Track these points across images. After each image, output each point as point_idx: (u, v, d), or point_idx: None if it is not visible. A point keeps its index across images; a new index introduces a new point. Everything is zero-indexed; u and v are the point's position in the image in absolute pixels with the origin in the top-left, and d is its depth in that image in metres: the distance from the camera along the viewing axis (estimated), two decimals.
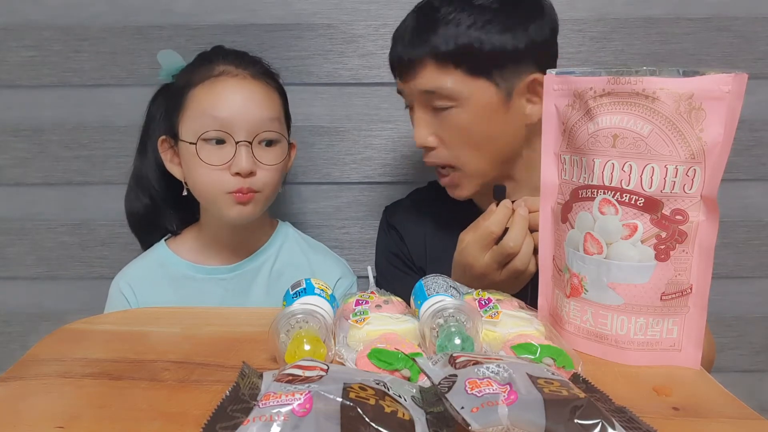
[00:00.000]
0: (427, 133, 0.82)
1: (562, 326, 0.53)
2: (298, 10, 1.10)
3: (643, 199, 0.44)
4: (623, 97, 0.44)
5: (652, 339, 0.48)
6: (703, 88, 0.43)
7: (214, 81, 0.86)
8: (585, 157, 0.47)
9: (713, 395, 0.50)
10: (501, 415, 0.37)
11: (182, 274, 0.95)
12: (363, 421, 0.37)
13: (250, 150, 0.85)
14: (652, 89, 0.43)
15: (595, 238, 0.47)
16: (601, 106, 0.45)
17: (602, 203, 0.46)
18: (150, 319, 0.67)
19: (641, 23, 1.10)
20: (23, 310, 1.21)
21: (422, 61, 0.78)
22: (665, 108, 0.43)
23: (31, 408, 0.48)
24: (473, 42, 0.75)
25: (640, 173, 0.44)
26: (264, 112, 0.87)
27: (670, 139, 0.43)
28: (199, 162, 0.84)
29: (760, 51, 1.10)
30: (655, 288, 0.47)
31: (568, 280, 0.50)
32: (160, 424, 0.45)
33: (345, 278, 1.02)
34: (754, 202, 1.15)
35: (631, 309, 0.47)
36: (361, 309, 0.58)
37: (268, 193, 0.89)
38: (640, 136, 0.44)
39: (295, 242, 1.02)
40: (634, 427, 0.40)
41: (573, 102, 0.48)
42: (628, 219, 0.45)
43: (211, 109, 0.84)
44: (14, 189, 1.16)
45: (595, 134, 0.45)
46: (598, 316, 0.48)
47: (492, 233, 0.71)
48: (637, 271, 0.46)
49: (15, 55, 1.11)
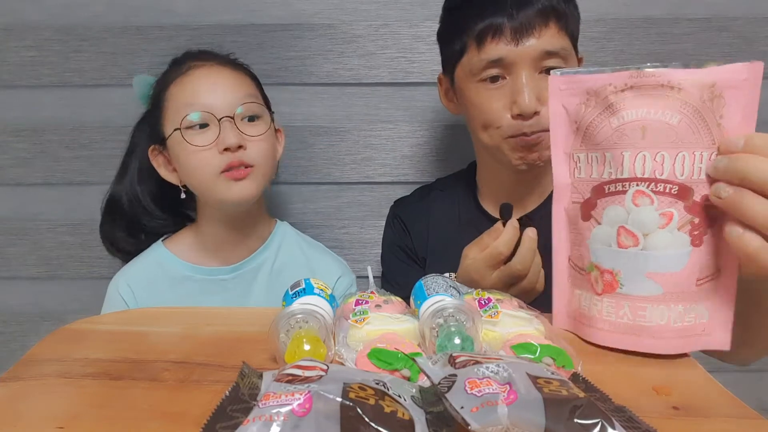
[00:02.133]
0: (536, 98, 0.78)
1: (593, 325, 0.52)
2: (298, 10, 1.10)
3: (676, 187, 0.45)
4: (648, 90, 0.45)
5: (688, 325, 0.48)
6: (723, 78, 0.45)
7: (185, 75, 0.89)
8: (610, 151, 0.47)
9: (713, 395, 0.50)
10: (501, 415, 0.37)
11: (181, 274, 0.95)
12: (363, 421, 0.37)
13: (233, 124, 0.86)
14: (677, 80, 0.44)
15: (630, 231, 0.47)
16: (624, 101, 0.46)
17: (636, 195, 0.46)
18: (150, 319, 0.67)
19: (641, 23, 1.10)
20: (23, 310, 1.21)
21: (547, 19, 0.79)
22: (691, 97, 0.44)
23: (31, 408, 0.48)
24: (572, 10, 0.83)
25: (672, 162, 0.45)
26: (239, 90, 0.89)
27: (697, 128, 0.45)
28: (186, 148, 0.85)
29: (760, 51, 1.10)
30: (691, 274, 0.47)
31: (597, 278, 0.50)
32: (160, 424, 0.45)
33: (344, 277, 1.02)
34: None
35: (670, 298, 0.47)
36: (360, 309, 0.58)
37: (263, 168, 0.89)
38: (669, 125, 0.45)
39: (294, 241, 1.03)
40: (634, 427, 0.40)
41: (587, 100, 0.48)
42: (664, 208, 0.46)
43: (188, 98, 0.87)
44: (14, 189, 1.17)
45: (621, 128, 0.46)
46: (636, 309, 0.48)
47: (501, 254, 0.71)
48: (675, 258, 0.47)
49: (15, 55, 1.11)
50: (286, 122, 1.13)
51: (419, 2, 1.09)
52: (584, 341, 0.58)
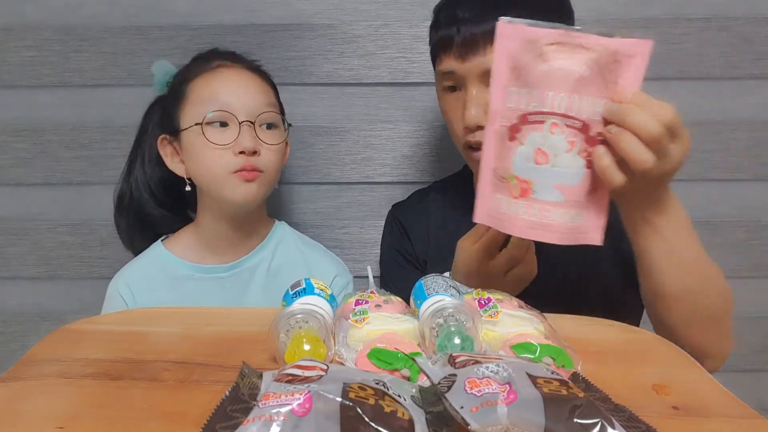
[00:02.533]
0: (483, 112, 0.80)
1: (507, 221, 0.64)
2: (298, 10, 1.10)
3: (581, 123, 0.58)
4: (570, 47, 0.58)
5: (578, 225, 0.61)
6: (624, 48, 0.57)
7: (213, 72, 0.91)
8: (537, 90, 0.59)
9: (713, 394, 0.50)
10: (500, 415, 0.37)
11: (180, 274, 0.95)
12: (362, 421, 0.37)
13: (253, 129, 0.88)
14: (592, 44, 0.57)
15: (544, 152, 0.60)
16: (553, 52, 0.58)
17: (552, 125, 0.59)
18: (150, 319, 0.67)
19: (641, 23, 1.10)
20: (23, 310, 1.21)
21: (493, 37, 0.78)
22: (600, 57, 0.57)
23: (31, 408, 0.48)
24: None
25: (579, 103, 0.58)
26: (262, 97, 0.91)
27: (600, 81, 0.58)
28: (204, 144, 0.87)
29: (759, 51, 1.10)
30: (582, 188, 0.61)
31: (516, 186, 0.62)
32: (160, 424, 0.45)
33: (341, 276, 1.02)
34: (754, 202, 1.15)
35: (568, 204, 0.60)
36: (360, 309, 0.58)
37: (270, 174, 0.92)
38: (582, 76, 0.57)
39: (291, 240, 1.03)
40: (634, 426, 0.40)
41: (525, 46, 0.59)
42: (570, 137, 0.59)
43: (213, 95, 0.88)
44: (14, 189, 1.17)
45: (548, 72, 0.58)
46: (544, 210, 0.61)
47: (497, 240, 0.74)
48: (574, 176, 0.60)
49: (15, 55, 1.11)
50: None
51: (419, 2, 1.09)
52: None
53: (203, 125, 0.87)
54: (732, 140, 1.13)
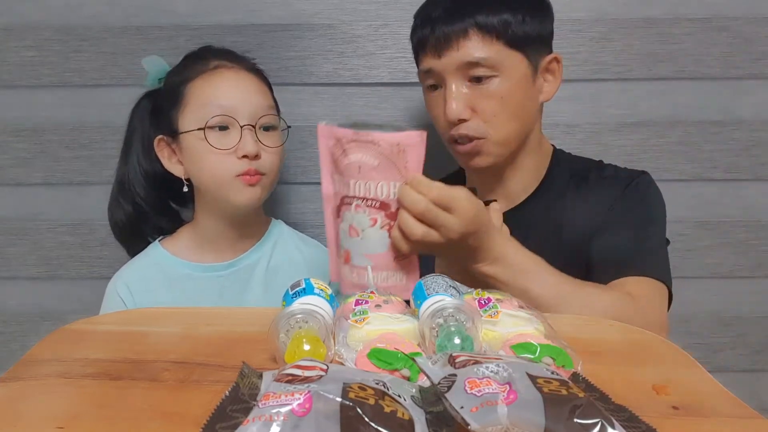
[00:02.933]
0: (463, 105, 0.84)
1: (343, 281, 0.75)
2: (298, 10, 1.10)
3: (379, 203, 0.69)
4: (362, 143, 0.69)
5: (391, 285, 0.71)
6: (404, 140, 0.68)
7: (212, 73, 0.90)
8: (344, 178, 0.71)
9: (713, 394, 0.50)
10: (500, 415, 0.37)
11: (179, 273, 0.95)
12: (362, 421, 0.37)
13: (254, 133, 0.88)
14: (378, 140, 0.68)
15: (354, 227, 0.71)
16: (351, 148, 0.69)
17: (356, 207, 0.70)
18: (150, 319, 0.67)
19: (641, 23, 1.10)
20: (23, 310, 1.21)
21: (466, 32, 0.82)
22: (385, 150, 0.68)
23: (31, 408, 0.48)
24: (512, 21, 0.82)
25: (376, 188, 0.69)
26: (262, 99, 0.92)
27: (390, 168, 0.68)
28: (206, 149, 0.87)
29: (759, 51, 1.10)
30: (388, 255, 0.71)
31: (343, 254, 0.74)
32: (160, 424, 0.45)
33: None
34: (754, 202, 1.15)
35: (377, 268, 0.71)
36: (360, 309, 0.58)
37: (271, 177, 0.92)
38: (373, 166, 0.68)
39: (289, 238, 1.03)
40: (634, 426, 0.40)
41: (335, 144, 0.71)
42: (372, 215, 0.70)
43: (213, 98, 0.88)
44: (14, 189, 1.17)
45: (349, 165, 0.70)
46: (359, 273, 0.72)
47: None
48: (380, 246, 0.71)
49: (15, 55, 1.11)
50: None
51: (419, 2, 1.09)
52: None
53: (205, 130, 0.87)
54: (732, 140, 1.13)
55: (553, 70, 0.88)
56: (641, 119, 1.13)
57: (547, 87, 0.89)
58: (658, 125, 1.13)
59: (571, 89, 1.12)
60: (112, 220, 1.00)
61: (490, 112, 0.84)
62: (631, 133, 1.13)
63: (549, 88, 0.89)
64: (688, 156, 1.14)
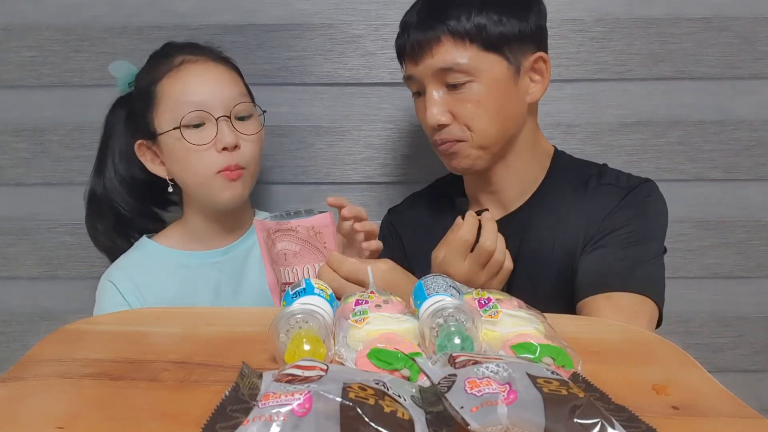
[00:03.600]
0: (440, 111, 0.85)
1: None
2: (298, 10, 1.10)
3: None
4: (284, 231, 0.76)
5: None
6: (318, 223, 0.75)
7: (178, 70, 0.89)
8: (278, 266, 0.79)
9: (713, 394, 0.50)
10: (500, 415, 0.37)
11: (176, 263, 0.95)
12: (362, 421, 0.37)
13: (230, 123, 0.88)
14: (296, 226, 0.75)
15: None
16: (277, 237, 0.76)
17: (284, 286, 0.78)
18: (150, 319, 0.67)
19: (641, 23, 1.10)
20: (23, 310, 1.21)
21: (438, 39, 0.82)
22: (304, 235, 0.76)
23: (31, 408, 0.48)
24: (486, 23, 0.81)
25: (302, 272, 0.77)
26: (233, 88, 0.90)
27: (313, 250, 0.76)
28: (185, 147, 0.86)
29: (760, 51, 1.10)
30: None
31: None
32: (160, 424, 0.45)
33: None
34: (754, 202, 1.15)
35: None
36: (360, 309, 0.58)
37: (252, 169, 0.92)
38: (295, 251, 0.76)
39: None
40: (634, 426, 0.40)
41: (267, 236, 0.78)
42: None
43: (184, 95, 0.87)
44: (15, 189, 1.17)
45: (278, 252, 0.77)
46: None
47: (467, 241, 0.76)
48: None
49: (15, 55, 1.11)
50: (286, 122, 1.13)
51: None
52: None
53: (181, 128, 0.86)
54: (732, 140, 1.13)
55: (540, 70, 0.86)
56: (641, 119, 1.13)
57: (533, 87, 0.87)
58: (658, 125, 1.13)
59: (571, 89, 1.12)
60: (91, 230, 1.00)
61: (469, 117, 0.84)
62: (631, 133, 1.13)
63: (536, 89, 0.87)
64: (688, 156, 1.14)
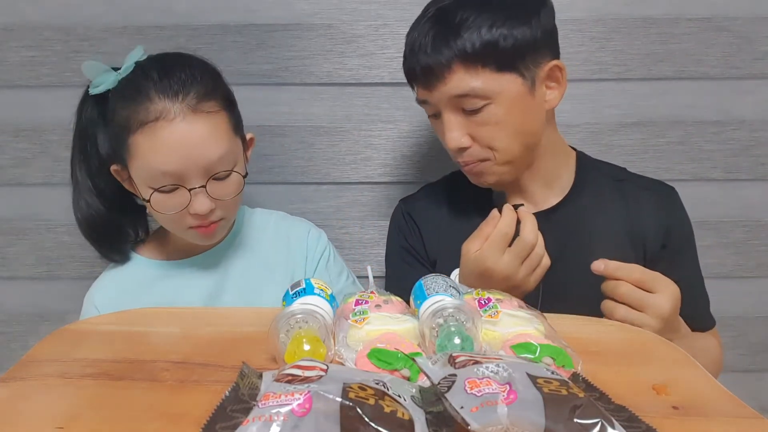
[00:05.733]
0: (460, 134, 0.83)
1: None
2: (298, 10, 1.10)
3: None
4: None
5: None
6: None
7: (153, 127, 0.78)
8: None
9: (713, 394, 0.50)
10: (500, 415, 0.37)
11: (157, 275, 0.94)
12: (362, 421, 0.37)
13: (205, 192, 0.81)
14: None
15: None
16: None
17: None
18: (150, 319, 0.67)
19: (641, 23, 1.10)
20: (23, 310, 1.21)
21: (450, 66, 0.79)
22: None
23: (31, 408, 0.48)
24: (497, 39, 0.78)
25: None
26: (213, 152, 0.81)
27: None
28: (157, 209, 0.83)
29: (760, 51, 1.10)
30: None
31: None
32: (160, 424, 0.45)
33: (313, 229, 1.04)
34: (754, 202, 1.15)
35: None
36: (360, 309, 0.58)
37: (231, 215, 0.90)
38: None
39: (255, 215, 1.04)
40: (634, 426, 0.40)
41: None
42: None
43: (157, 164, 0.79)
44: (14, 189, 1.16)
45: None
46: None
47: (506, 234, 0.75)
48: None
49: (15, 55, 1.11)
50: (286, 122, 1.13)
51: (419, 2, 1.08)
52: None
53: (152, 196, 0.81)
54: (732, 140, 1.13)
55: (556, 78, 0.85)
56: (641, 119, 1.13)
57: (551, 94, 0.85)
58: (658, 125, 1.13)
59: (571, 89, 1.11)
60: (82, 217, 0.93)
61: (489, 138, 0.82)
62: (631, 133, 1.13)
63: (553, 95, 0.85)
64: (688, 156, 1.14)
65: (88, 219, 0.92)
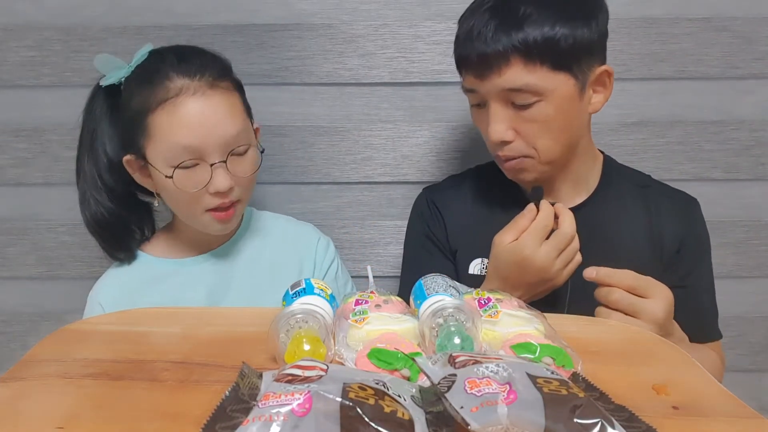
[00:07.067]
0: (505, 128, 0.82)
1: None
2: (298, 10, 1.10)
3: None
4: None
5: None
6: None
7: (173, 103, 0.80)
8: None
9: (713, 394, 0.50)
10: (500, 415, 0.37)
11: (163, 273, 0.94)
12: (362, 421, 0.37)
13: (225, 167, 0.83)
14: None
15: None
16: None
17: None
18: (150, 319, 0.67)
19: (641, 23, 1.09)
20: (23, 310, 1.21)
21: (508, 58, 0.78)
22: None
23: (31, 408, 0.48)
24: (559, 38, 0.77)
25: None
26: (231, 127, 0.83)
27: None
28: (175, 189, 0.83)
29: (760, 51, 1.10)
30: None
31: None
32: (160, 424, 0.45)
33: (322, 238, 1.05)
34: (754, 202, 1.15)
35: None
36: (360, 309, 0.58)
37: (246, 199, 0.90)
38: None
39: (264, 216, 1.04)
40: (634, 426, 0.40)
41: None
42: None
43: (178, 138, 0.80)
44: (14, 189, 1.16)
45: None
46: None
47: (546, 226, 0.78)
48: None
49: (15, 55, 1.11)
50: (286, 122, 1.13)
51: (419, 2, 1.09)
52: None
53: (173, 173, 0.81)
54: (732, 140, 1.13)
55: (604, 82, 0.84)
56: (641, 119, 1.13)
57: (596, 98, 0.85)
58: (658, 125, 1.13)
59: None
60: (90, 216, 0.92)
61: (534, 135, 0.82)
62: (631, 133, 1.13)
63: (598, 99, 0.85)
64: (688, 156, 1.14)
65: (96, 216, 0.92)
